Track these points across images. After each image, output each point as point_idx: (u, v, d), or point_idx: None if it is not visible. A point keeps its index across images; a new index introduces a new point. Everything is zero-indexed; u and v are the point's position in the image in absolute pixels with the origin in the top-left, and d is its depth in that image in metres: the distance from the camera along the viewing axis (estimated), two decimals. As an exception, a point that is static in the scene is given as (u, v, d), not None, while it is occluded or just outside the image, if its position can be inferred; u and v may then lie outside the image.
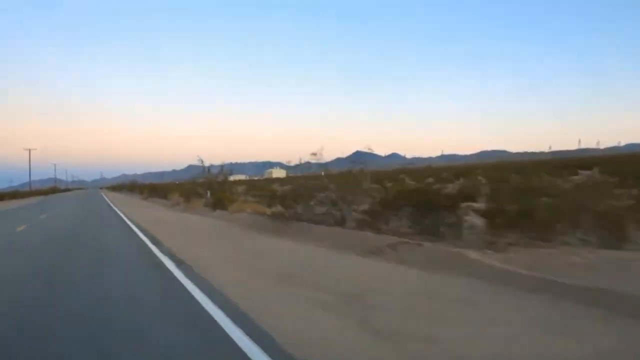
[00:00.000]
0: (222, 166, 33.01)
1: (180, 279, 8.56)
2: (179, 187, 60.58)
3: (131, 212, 29.34)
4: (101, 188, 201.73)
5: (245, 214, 25.02)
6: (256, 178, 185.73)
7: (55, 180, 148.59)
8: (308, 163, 19.11)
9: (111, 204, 38.38)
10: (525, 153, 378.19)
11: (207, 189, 31.62)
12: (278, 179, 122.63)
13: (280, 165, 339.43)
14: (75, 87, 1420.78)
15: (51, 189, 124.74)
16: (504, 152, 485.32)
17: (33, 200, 67.47)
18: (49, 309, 6.72)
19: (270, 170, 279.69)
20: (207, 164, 33.08)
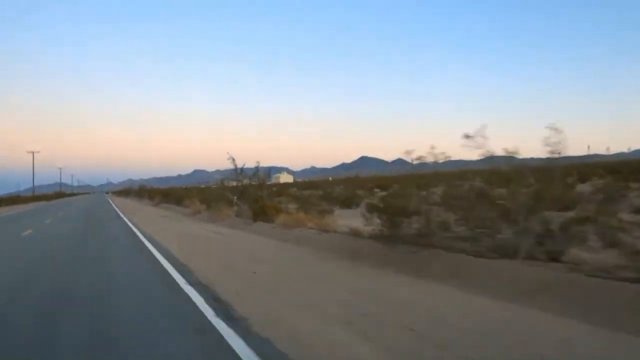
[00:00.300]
0: (256, 168, 25.34)
1: None
2: (190, 192, 52.64)
3: (148, 225, 22.79)
4: (107, 192, 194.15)
5: (304, 229, 17.53)
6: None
7: (60, 185, 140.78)
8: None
9: (120, 213, 30.62)
10: (532, 159, 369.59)
11: (238, 195, 23.90)
12: (288, 184, 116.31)
13: (286, 170, 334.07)
14: (84, 92, 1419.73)
15: (57, 194, 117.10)
16: (511, 157, 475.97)
17: (31, 206, 60.02)
18: None
19: (277, 174, 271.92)
20: (230, 163, 26.79)
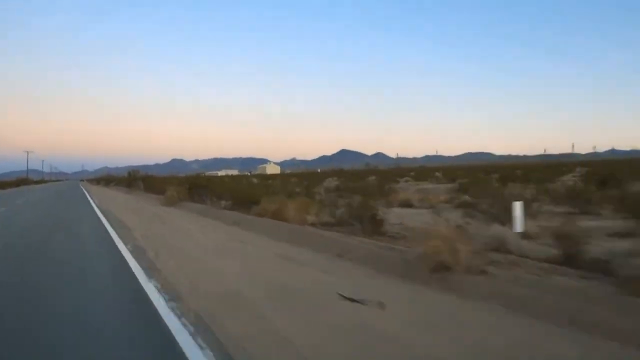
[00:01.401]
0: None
1: None
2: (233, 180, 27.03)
3: None
4: (82, 180, 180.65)
5: None
6: (248, 174, 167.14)
7: (27, 171, 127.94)
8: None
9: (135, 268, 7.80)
10: (510, 156, 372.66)
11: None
12: (274, 175, 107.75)
13: (266, 161, 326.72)
14: (63, 76, 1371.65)
15: (21, 180, 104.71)
16: (489, 154, 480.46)
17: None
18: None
19: (264, 165, 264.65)
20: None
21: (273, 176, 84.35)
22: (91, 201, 27.95)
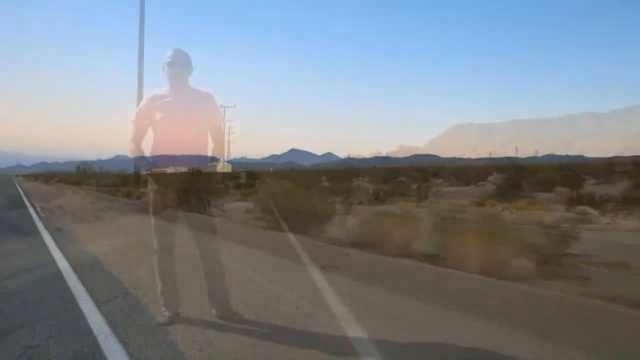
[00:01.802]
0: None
1: None
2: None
3: None
4: (17, 176, 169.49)
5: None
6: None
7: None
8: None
9: None
10: (455, 159, 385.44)
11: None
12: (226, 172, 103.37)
13: (213, 158, 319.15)
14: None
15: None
16: (435, 156, 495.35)
17: None
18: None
19: (214, 163, 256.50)
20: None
21: (240, 175, 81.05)
22: (30, 208, 18.14)
